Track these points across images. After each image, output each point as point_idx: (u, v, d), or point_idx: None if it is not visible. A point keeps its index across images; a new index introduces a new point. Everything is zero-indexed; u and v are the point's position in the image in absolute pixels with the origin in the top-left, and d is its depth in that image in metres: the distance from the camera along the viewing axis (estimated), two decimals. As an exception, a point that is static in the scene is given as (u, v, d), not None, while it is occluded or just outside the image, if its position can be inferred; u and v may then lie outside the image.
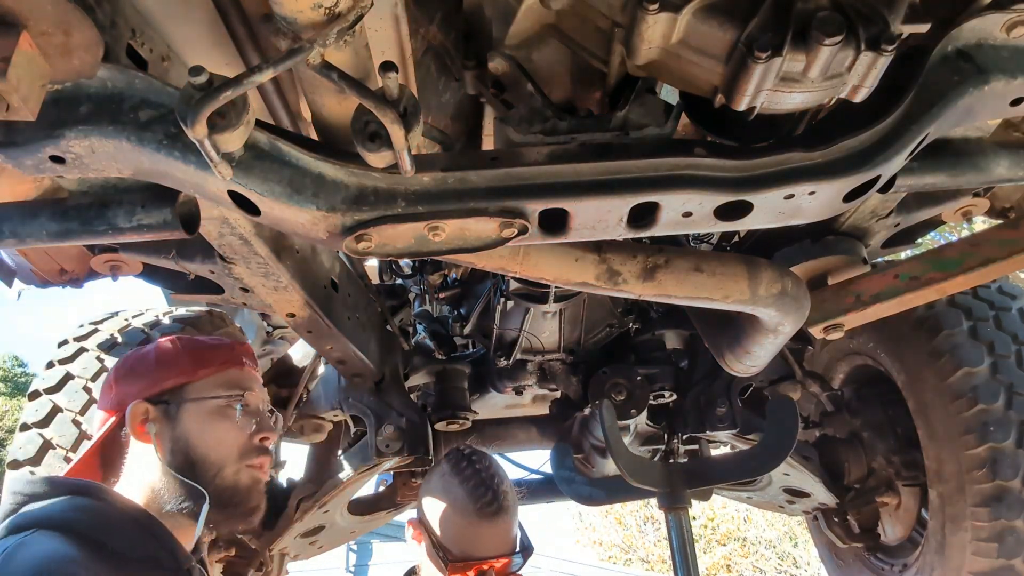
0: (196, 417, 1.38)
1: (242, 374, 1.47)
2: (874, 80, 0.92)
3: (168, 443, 1.36)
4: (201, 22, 1.19)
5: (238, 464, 1.38)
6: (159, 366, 1.42)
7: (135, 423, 1.36)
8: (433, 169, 1.03)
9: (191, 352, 1.45)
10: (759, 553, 11.91)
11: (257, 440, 1.41)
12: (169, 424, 1.37)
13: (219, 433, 1.38)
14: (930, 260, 1.73)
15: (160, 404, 1.38)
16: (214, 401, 1.39)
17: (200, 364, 1.43)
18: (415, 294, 3.06)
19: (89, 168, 1.01)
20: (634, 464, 1.73)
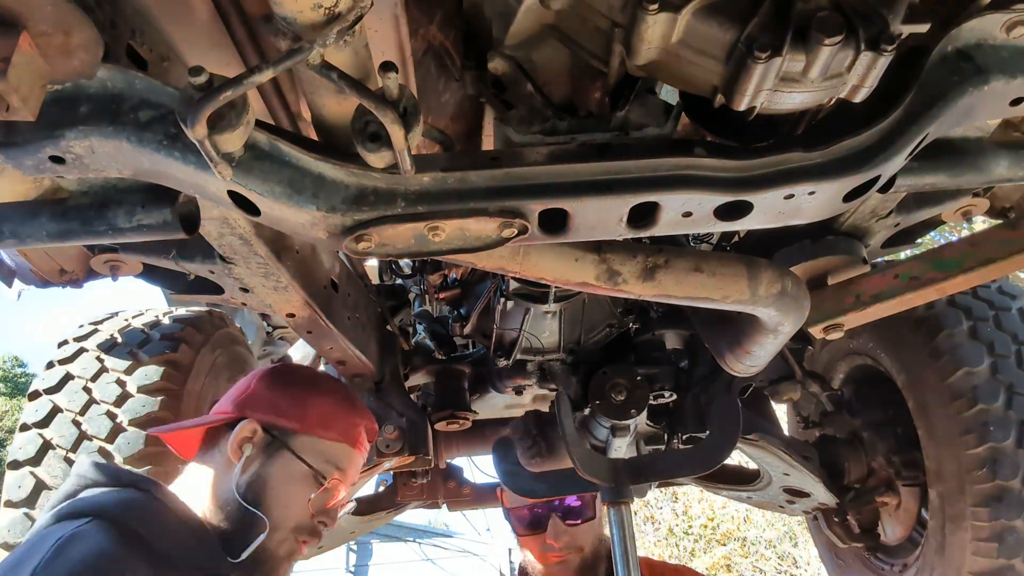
0: (285, 468, 1.39)
1: (349, 454, 1.47)
2: (874, 80, 0.91)
3: (250, 474, 1.37)
4: (201, 22, 1.19)
5: (289, 533, 1.38)
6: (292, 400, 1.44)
7: (239, 436, 1.38)
8: (433, 169, 1.03)
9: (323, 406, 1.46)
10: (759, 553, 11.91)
11: (316, 521, 1.41)
12: (262, 458, 1.38)
13: (292, 496, 1.38)
14: (930, 260, 1.73)
15: (268, 434, 1.40)
16: (304, 463, 1.40)
17: (322, 423, 1.44)
18: (415, 294, 3.06)
19: (89, 168, 1.01)
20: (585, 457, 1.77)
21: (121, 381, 2.25)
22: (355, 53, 0.92)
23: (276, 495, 1.36)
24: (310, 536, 1.40)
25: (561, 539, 1.82)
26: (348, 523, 3.12)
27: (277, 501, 1.35)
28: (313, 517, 1.40)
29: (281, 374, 1.50)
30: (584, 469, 1.70)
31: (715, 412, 1.68)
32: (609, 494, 1.67)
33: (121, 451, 2.11)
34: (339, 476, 1.42)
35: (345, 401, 1.51)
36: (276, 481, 1.37)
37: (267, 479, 1.36)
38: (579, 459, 1.72)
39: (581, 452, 1.75)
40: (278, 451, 1.39)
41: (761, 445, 2.59)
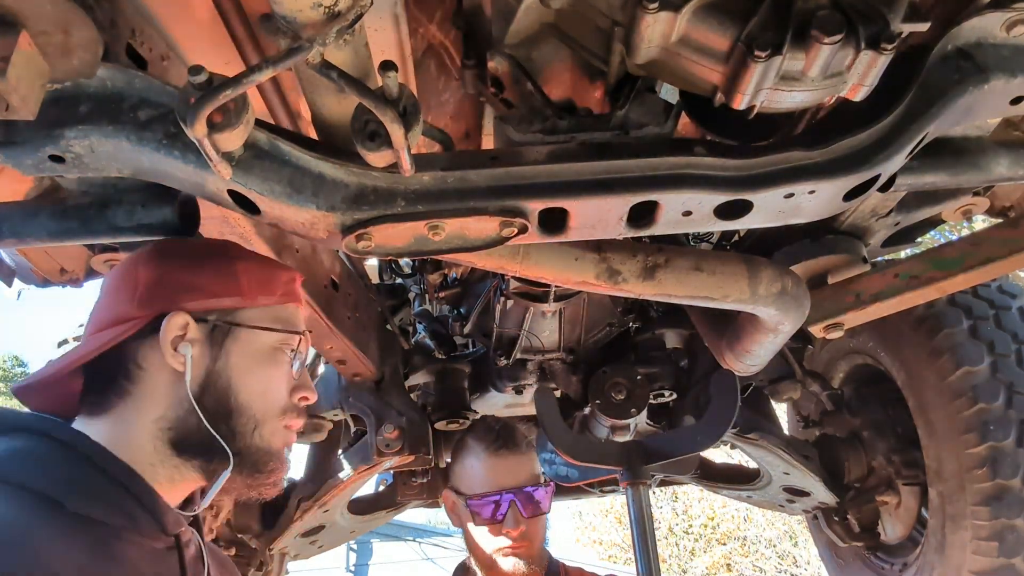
0: (246, 352, 1.12)
1: (298, 313, 1.23)
2: (874, 79, 0.91)
3: (203, 376, 1.08)
4: (201, 21, 1.19)
5: (277, 421, 1.14)
6: (215, 274, 1.13)
7: (169, 336, 1.06)
8: (433, 168, 1.03)
9: (255, 270, 1.17)
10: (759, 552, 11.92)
11: (297, 397, 1.18)
12: (211, 352, 1.09)
13: (267, 379, 1.13)
14: (930, 259, 1.73)
15: (204, 323, 1.10)
16: (271, 336, 1.14)
17: (263, 287, 1.16)
18: (415, 293, 3.06)
19: (89, 168, 1.01)
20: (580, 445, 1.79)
21: (121, 380, 2.25)
22: (355, 52, 0.92)
23: (248, 385, 1.10)
24: (298, 416, 1.17)
25: (518, 528, 1.86)
26: (348, 522, 3.12)
27: (252, 391, 1.11)
28: (292, 394, 1.17)
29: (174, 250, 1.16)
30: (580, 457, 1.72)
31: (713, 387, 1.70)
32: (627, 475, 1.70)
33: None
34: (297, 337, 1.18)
35: (264, 258, 1.25)
36: (242, 370, 1.11)
37: (230, 373, 1.10)
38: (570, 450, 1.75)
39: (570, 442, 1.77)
40: (228, 335, 1.11)
41: (761, 444, 2.59)
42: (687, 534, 12.48)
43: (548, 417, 1.81)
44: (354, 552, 11.88)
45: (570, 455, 1.73)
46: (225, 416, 1.08)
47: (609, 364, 2.49)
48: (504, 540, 1.88)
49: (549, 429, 1.78)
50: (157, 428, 1.06)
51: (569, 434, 1.80)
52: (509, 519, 1.87)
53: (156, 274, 1.11)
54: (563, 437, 1.78)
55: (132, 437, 1.05)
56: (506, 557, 1.88)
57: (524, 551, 1.89)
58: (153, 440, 1.06)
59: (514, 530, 1.86)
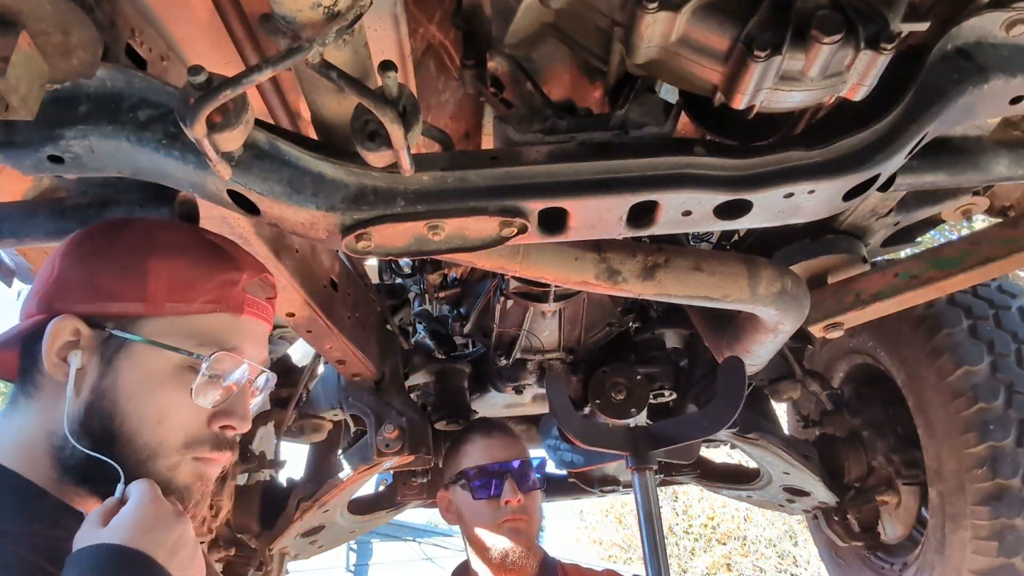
0: (138, 370, 0.93)
1: (236, 325, 1.00)
2: (873, 79, 0.91)
3: (88, 391, 0.92)
4: (200, 22, 1.19)
5: (179, 455, 0.95)
6: (119, 273, 0.96)
7: (55, 343, 0.92)
8: (433, 168, 1.03)
9: (172, 270, 0.97)
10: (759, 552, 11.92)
11: (217, 427, 0.98)
12: (100, 364, 0.93)
13: (166, 404, 0.94)
14: (930, 259, 1.73)
15: (100, 330, 0.94)
16: (171, 355, 0.94)
17: (175, 293, 0.96)
18: (415, 293, 3.06)
19: (88, 168, 1.01)
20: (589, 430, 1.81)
21: (120, 381, 2.25)
22: (354, 52, 0.92)
23: (138, 410, 0.92)
24: (214, 449, 0.97)
25: (516, 497, 1.92)
26: (348, 522, 3.12)
27: (143, 418, 0.92)
28: (211, 422, 0.97)
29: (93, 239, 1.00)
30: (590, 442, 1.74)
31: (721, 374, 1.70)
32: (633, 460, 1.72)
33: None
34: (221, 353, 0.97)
35: (203, 251, 1.02)
36: (132, 391, 0.92)
37: (115, 393, 0.92)
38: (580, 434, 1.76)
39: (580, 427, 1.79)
40: (122, 348, 0.93)
41: (761, 444, 2.59)
42: (687, 534, 12.47)
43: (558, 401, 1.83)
44: (354, 552, 11.88)
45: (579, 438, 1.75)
46: (108, 443, 0.91)
47: (609, 364, 2.49)
48: (501, 512, 1.93)
49: (559, 412, 1.80)
50: (48, 444, 0.93)
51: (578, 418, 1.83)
52: (507, 490, 1.94)
53: (64, 267, 0.98)
54: (572, 421, 1.80)
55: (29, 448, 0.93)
56: (504, 532, 1.92)
57: (523, 526, 1.94)
58: (46, 456, 0.93)
59: (512, 499, 1.92)
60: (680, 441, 1.76)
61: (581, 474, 3.35)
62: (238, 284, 1.02)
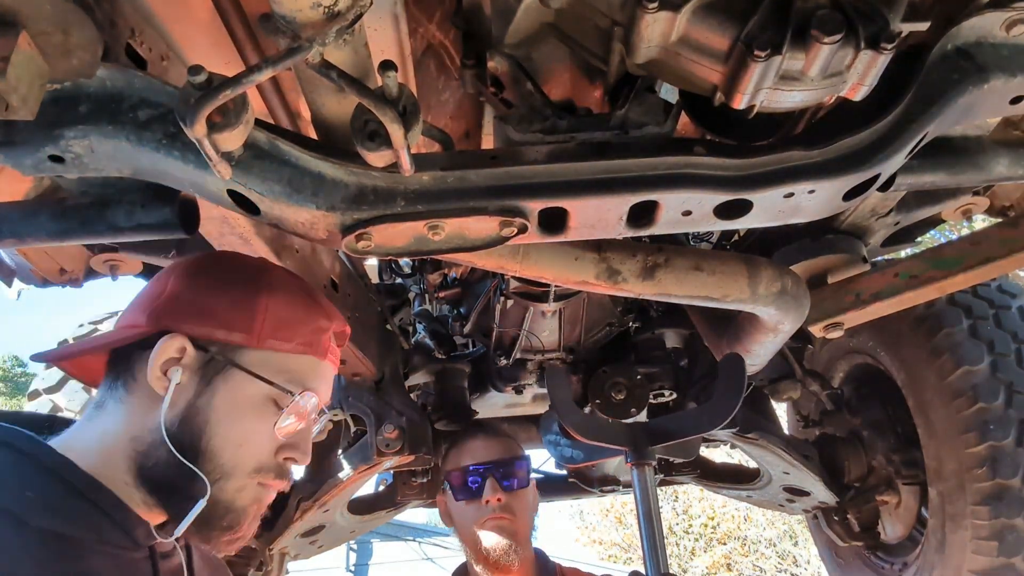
0: (233, 395, 1.02)
1: (316, 367, 1.10)
2: (874, 78, 0.91)
3: (182, 406, 1.00)
4: (200, 21, 1.19)
5: (248, 478, 1.03)
6: (231, 303, 1.04)
7: (161, 357, 0.99)
8: (433, 168, 1.03)
9: (276, 307, 1.06)
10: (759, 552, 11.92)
11: (282, 458, 1.07)
12: (199, 383, 1.01)
13: (248, 431, 1.02)
14: (930, 259, 1.73)
15: (204, 352, 1.02)
16: (262, 387, 1.03)
17: (278, 331, 1.05)
18: (415, 293, 3.06)
19: (88, 168, 1.01)
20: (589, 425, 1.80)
21: (121, 380, 2.25)
22: (354, 52, 0.92)
23: (225, 431, 1.00)
24: (277, 478, 1.06)
25: (495, 496, 1.92)
26: (348, 522, 3.12)
27: (227, 439, 1.00)
28: (278, 453, 1.05)
29: (209, 267, 1.09)
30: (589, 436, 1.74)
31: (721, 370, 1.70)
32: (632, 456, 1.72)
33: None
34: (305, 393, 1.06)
35: (303, 297, 1.12)
36: (223, 413, 1.00)
37: (209, 412, 1.00)
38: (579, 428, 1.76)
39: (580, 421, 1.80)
40: (221, 372, 1.01)
41: (761, 444, 2.59)
42: (687, 534, 12.47)
43: (559, 396, 1.83)
44: (354, 552, 11.88)
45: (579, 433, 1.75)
46: (192, 457, 0.97)
47: (609, 364, 2.49)
48: (484, 511, 1.93)
49: (560, 407, 1.79)
50: (131, 449, 0.99)
51: (579, 413, 1.82)
52: (487, 489, 1.94)
53: (179, 288, 1.05)
54: (573, 416, 1.80)
55: (110, 450, 0.99)
56: (487, 530, 1.92)
57: (507, 524, 1.93)
58: (125, 460, 0.99)
59: (492, 497, 1.92)
60: (680, 437, 1.76)
61: (581, 474, 3.35)
62: (327, 332, 1.12)
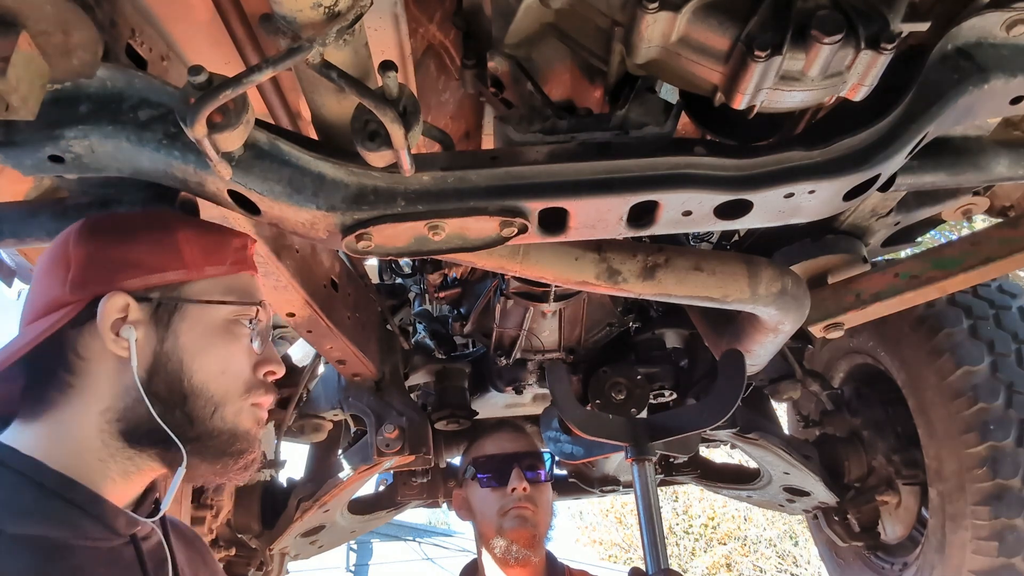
0: (197, 329, 1.01)
1: (254, 281, 1.12)
2: (874, 79, 0.92)
3: (150, 359, 0.98)
4: (200, 22, 1.19)
5: (241, 401, 1.03)
6: (153, 247, 1.01)
7: (108, 319, 0.95)
8: (433, 168, 1.03)
9: (198, 238, 1.05)
10: (759, 552, 11.92)
11: (262, 373, 1.07)
12: (157, 333, 0.98)
13: (225, 356, 1.02)
14: (930, 259, 1.73)
15: (147, 302, 0.98)
16: (224, 309, 1.03)
17: (209, 257, 1.04)
18: (415, 293, 3.06)
19: (89, 168, 1.01)
20: (589, 420, 1.82)
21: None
22: (355, 52, 0.92)
23: (202, 364, 1.00)
24: (266, 392, 1.07)
25: (522, 485, 1.95)
26: (348, 522, 3.12)
27: (208, 371, 1.00)
28: (256, 370, 1.06)
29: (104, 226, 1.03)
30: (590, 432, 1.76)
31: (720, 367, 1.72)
32: (633, 451, 1.72)
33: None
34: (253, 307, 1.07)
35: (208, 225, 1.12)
36: (194, 349, 1.00)
37: (181, 354, 0.99)
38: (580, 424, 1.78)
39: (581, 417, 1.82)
40: (175, 312, 1.00)
41: (761, 444, 2.59)
42: (687, 534, 12.48)
43: (560, 392, 1.85)
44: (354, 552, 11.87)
45: (581, 428, 1.77)
46: (179, 401, 0.97)
47: (609, 364, 2.49)
48: (509, 499, 1.96)
49: (561, 403, 1.81)
50: (104, 421, 0.96)
51: (580, 409, 1.84)
52: (513, 477, 1.97)
53: (88, 251, 0.99)
54: (574, 411, 1.81)
55: (75, 435, 0.96)
56: (511, 517, 1.94)
57: (530, 514, 1.95)
58: (100, 434, 0.96)
59: (518, 485, 1.95)
60: (680, 432, 1.77)
61: (581, 474, 3.35)
62: (248, 246, 1.12)
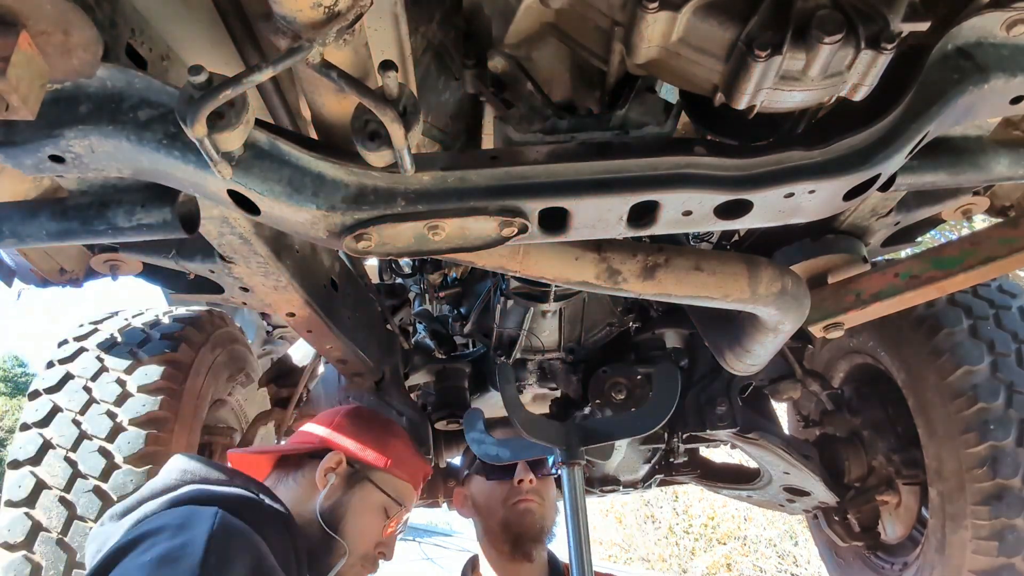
0: (365, 498, 1.52)
1: (412, 494, 1.64)
2: (874, 78, 0.91)
3: (333, 500, 1.49)
4: (200, 21, 1.19)
5: (361, 559, 1.49)
6: (376, 439, 1.60)
7: (326, 465, 1.51)
8: (433, 168, 1.03)
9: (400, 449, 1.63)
10: (759, 552, 11.91)
11: (377, 552, 1.53)
12: (345, 486, 1.51)
13: (371, 523, 1.51)
14: (930, 259, 1.73)
15: (353, 467, 1.54)
16: (385, 498, 1.55)
17: (399, 463, 1.60)
18: (415, 293, 3.06)
19: (89, 168, 1.01)
20: (532, 422, 1.87)
21: (121, 380, 2.25)
22: (355, 52, 0.92)
23: (354, 523, 1.48)
24: (372, 565, 1.52)
25: (529, 477, 1.96)
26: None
27: (354, 528, 1.48)
28: (376, 547, 1.52)
29: (363, 415, 1.68)
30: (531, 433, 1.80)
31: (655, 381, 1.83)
32: (563, 455, 1.78)
33: (121, 450, 2.10)
34: (403, 511, 1.57)
35: (415, 448, 1.72)
36: (355, 510, 1.49)
37: (347, 507, 1.49)
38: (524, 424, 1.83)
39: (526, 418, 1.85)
40: (359, 482, 1.53)
41: (761, 444, 2.59)
42: (687, 534, 12.47)
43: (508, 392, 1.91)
44: (354, 552, 11.87)
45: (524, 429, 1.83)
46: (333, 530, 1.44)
47: (609, 364, 2.49)
48: (515, 492, 1.96)
49: (508, 403, 1.88)
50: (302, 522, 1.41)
51: (525, 410, 1.90)
52: (520, 469, 1.98)
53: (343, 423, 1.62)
54: (520, 412, 1.87)
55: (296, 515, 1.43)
56: (518, 509, 1.95)
57: (536, 507, 1.96)
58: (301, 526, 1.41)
59: (525, 477, 1.96)
60: (615, 438, 1.86)
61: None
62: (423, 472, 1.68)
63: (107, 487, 2.07)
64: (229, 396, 2.68)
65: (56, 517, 2.04)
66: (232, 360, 2.67)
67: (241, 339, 2.82)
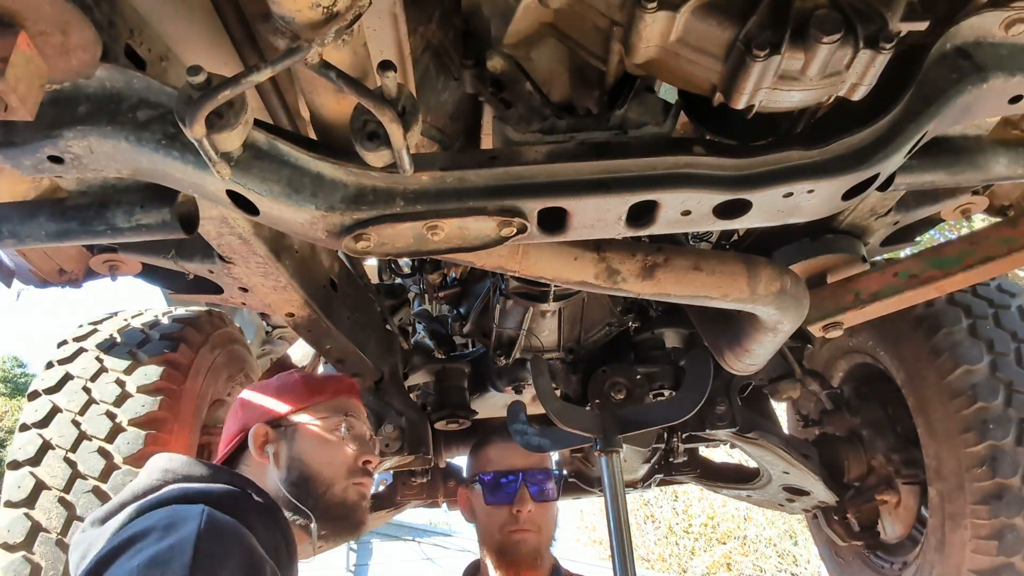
0: (309, 438, 1.56)
1: (349, 402, 1.67)
2: (873, 78, 0.92)
3: (285, 461, 1.53)
4: (199, 22, 1.19)
5: (346, 481, 1.54)
6: (276, 395, 1.62)
7: (256, 444, 1.54)
8: (432, 168, 1.03)
9: (307, 382, 1.66)
10: (759, 551, 11.92)
11: (361, 462, 1.57)
12: (286, 445, 1.55)
13: (329, 452, 1.56)
14: (929, 258, 1.73)
15: (278, 428, 1.57)
16: (324, 422, 1.59)
17: (314, 392, 1.64)
18: (414, 293, 3.06)
19: (88, 168, 1.01)
20: (566, 412, 1.90)
21: (120, 381, 2.25)
22: (354, 52, 0.92)
23: (316, 460, 1.53)
24: (364, 476, 1.58)
25: (526, 508, 1.92)
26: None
27: (319, 463, 1.53)
28: (357, 458, 1.57)
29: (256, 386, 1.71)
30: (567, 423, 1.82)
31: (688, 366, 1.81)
32: (601, 444, 1.79)
33: (120, 451, 2.10)
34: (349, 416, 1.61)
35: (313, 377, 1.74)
36: (308, 452, 1.54)
37: (301, 455, 1.53)
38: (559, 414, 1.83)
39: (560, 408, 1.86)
40: (294, 433, 1.56)
41: (761, 443, 2.59)
42: (687, 533, 12.48)
43: (542, 383, 1.92)
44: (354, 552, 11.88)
45: (558, 419, 1.84)
46: (304, 484, 1.50)
47: (609, 364, 2.49)
48: (512, 521, 1.93)
49: (542, 393, 1.87)
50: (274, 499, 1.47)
51: (559, 400, 1.92)
52: (518, 498, 1.94)
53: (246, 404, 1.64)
54: (553, 403, 1.89)
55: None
56: (512, 540, 1.92)
57: (532, 538, 1.93)
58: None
59: (523, 509, 1.92)
60: (649, 426, 1.86)
61: (582, 474, 3.35)
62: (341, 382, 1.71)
63: (107, 487, 2.06)
64: (228, 396, 2.67)
65: (56, 518, 2.04)
66: (231, 360, 2.67)
67: (240, 339, 2.82)
